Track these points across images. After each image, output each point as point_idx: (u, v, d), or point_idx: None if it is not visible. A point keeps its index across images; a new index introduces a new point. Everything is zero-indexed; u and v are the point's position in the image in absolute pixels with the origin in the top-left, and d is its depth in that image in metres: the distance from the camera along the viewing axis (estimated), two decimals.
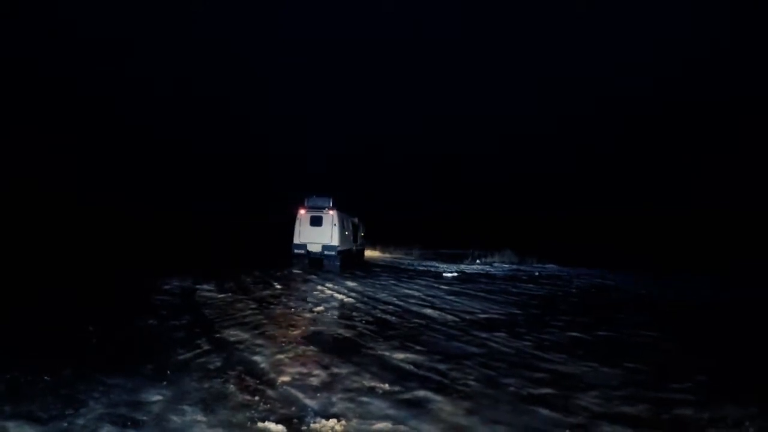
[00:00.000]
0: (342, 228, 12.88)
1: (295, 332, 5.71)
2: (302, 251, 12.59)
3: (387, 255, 20.58)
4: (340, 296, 8.73)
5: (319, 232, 12.43)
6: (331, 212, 12.50)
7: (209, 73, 54.11)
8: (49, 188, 26.15)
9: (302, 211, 12.71)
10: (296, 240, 12.63)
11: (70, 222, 21.21)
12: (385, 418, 3.29)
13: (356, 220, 15.62)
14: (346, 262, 13.30)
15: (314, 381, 3.97)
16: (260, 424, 3.11)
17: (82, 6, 41.56)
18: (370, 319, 6.77)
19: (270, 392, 3.68)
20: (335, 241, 12.37)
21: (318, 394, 3.66)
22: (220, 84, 54.06)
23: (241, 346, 4.96)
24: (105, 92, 40.49)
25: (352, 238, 14.66)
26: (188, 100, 48.27)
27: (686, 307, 9.09)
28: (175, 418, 3.18)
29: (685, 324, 7.43)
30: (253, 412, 3.31)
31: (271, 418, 3.19)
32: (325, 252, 12.42)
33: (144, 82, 46.18)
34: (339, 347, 5.10)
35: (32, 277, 9.55)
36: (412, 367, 4.49)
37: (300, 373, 4.15)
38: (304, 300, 8.15)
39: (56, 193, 25.62)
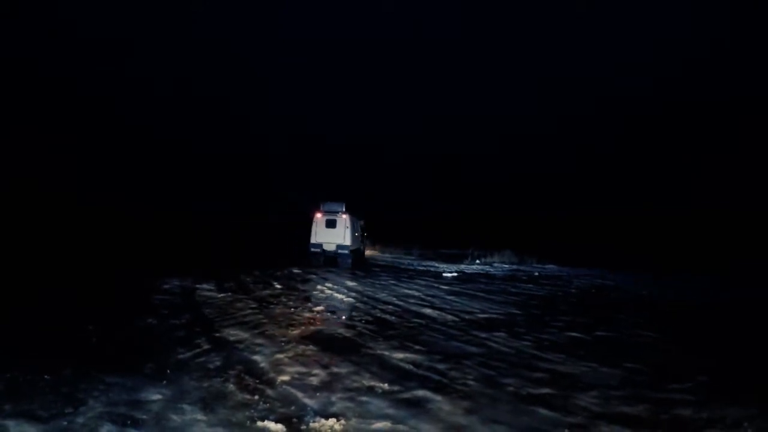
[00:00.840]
0: (353, 230, 14.44)
1: (294, 332, 5.72)
2: (318, 250, 14.02)
3: (387, 255, 20.62)
4: (339, 296, 8.74)
5: (334, 234, 13.95)
6: (344, 216, 14.03)
7: (209, 73, 54.07)
8: (49, 188, 26.16)
9: (318, 215, 14.14)
10: (313, 240, 14.07)
11: (70, 222, 21.22)
12: (385, 417, 3.29)
13: (362, 222, 16.88)
14: (355, 260, 14.77)
15: (314, 380, 3.98)
16: (260, 423, 3.11)
17: (82, 6, 41.58)
18: (370, 318, 6.77)
19: (269, 391, 3.68)
20: (348, 241, 13.91)
21: (317, 394, 3.67)
22: (220, 84, 54.01)
23: (241, 346, 4.96)
24: (105, 92, 40.49)
25: (360, 239, 16.10)
26: (188, 100, 48.22)
27: (686, 308, 9.09)
28: (174, 417, 3.18)
29: (685, 324, 7.44)
30: (252, 411, 3.31)
31: (271, 417, 3.19)
32: (339, 251, 13.91)
33: (144, 82, 46.17)
34: (338, 347, 5.10)
35: (32, 277, 9.56)
36: (411, 366, 4.49)
37: (299, 373, 4.15)
38: (304, 300, 8.15)
39: (56, 193, 25.64)
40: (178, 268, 11.53)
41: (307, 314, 6.90)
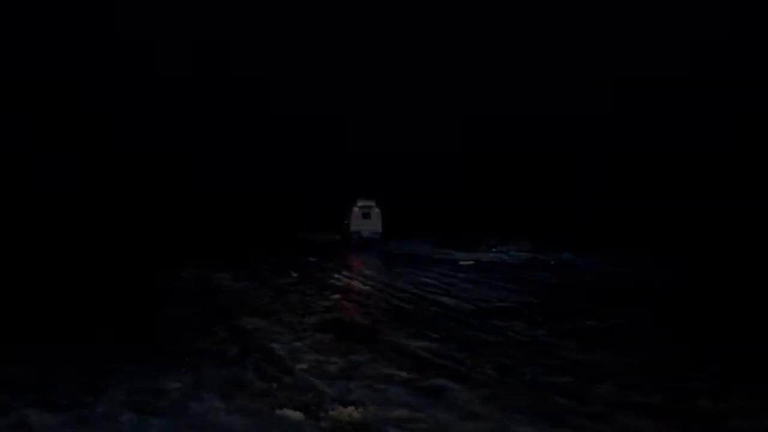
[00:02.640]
0: (382, 220, 18.76)
1: (311, 319, 5.73)
2: (357, 235, 18.25)
3: (403, 242, 20.74)
4: (356, 284, 8.74)
5: (369, 223, 18.45)
6: (376, 209, 18.60)
7: (209, 73, 53.83)
8: (49, 188, 26.10)
9: (356, 209, 18.63)
10: (353, 228, 18.41)
11: (71, 216, 21.21)
12: (403, 405, 3.27)
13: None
14: (382, 243, 18.91)
15: (331, 368, 3.98)
16: (278, 411, 3.10)
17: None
18: (387, 306, 6.75)
19: (288, 379, 3.69)
20: (379, 228, 18.48)
21: (335, 381, 3.67)
22: (220, 84, 53.79)
23: (259, 334, 4.98)
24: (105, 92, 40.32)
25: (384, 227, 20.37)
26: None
27: (707, 296, 8.67)
28: (194, 405, 3.19)
29: (706, 312, 7.10)
30: (271, 398, 3.31)
31: (290, 405, 3.19)
32: (373, 236, 18.30)
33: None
34: (356, 334, 5.10)
35: (42, 269, 9.60)
36: (429, 354, 4.47)
37: (317, 360, 4.15)
38: (321, 288, 8.11)
39: (56, 193, 25.57)
40: (191, 258, 11.58)
41: (325, 302, 6.89)
